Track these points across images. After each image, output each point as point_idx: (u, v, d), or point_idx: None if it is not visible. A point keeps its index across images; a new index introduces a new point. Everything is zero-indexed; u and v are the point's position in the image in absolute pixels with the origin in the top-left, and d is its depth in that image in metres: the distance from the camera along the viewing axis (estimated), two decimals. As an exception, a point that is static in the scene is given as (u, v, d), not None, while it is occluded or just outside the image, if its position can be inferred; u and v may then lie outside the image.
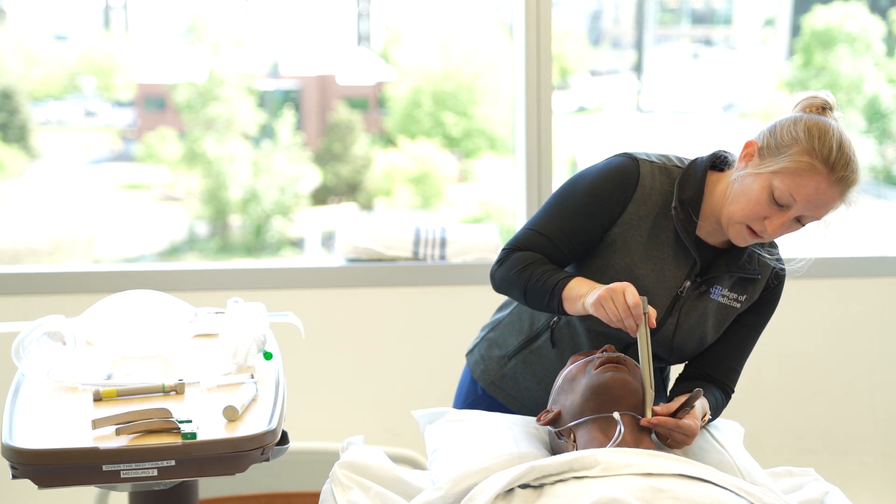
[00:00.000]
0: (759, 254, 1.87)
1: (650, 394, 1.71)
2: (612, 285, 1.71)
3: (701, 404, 1.80)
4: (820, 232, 1.78)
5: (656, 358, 1.89)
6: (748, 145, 1.76)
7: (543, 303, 1.82)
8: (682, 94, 10.18)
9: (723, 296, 1.85)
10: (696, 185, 1.81)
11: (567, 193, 1.87)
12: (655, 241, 1.83)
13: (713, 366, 1.90)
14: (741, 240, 1.77)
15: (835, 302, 3.23)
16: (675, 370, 2.00)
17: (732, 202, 1.75)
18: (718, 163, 1.84)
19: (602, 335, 1.88)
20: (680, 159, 1.87)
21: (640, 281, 1.81)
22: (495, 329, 2.05)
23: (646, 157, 1.85)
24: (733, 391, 1.93)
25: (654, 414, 1.71)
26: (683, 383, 1.91)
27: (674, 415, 1.71)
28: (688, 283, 1.84)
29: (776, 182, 1.69)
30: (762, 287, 1.88)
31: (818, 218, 1.73)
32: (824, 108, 1.75)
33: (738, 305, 1.87)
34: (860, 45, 8.36)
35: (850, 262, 3.22)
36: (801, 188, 1.68)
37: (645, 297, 1.72)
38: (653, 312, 1.72)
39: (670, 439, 1.73)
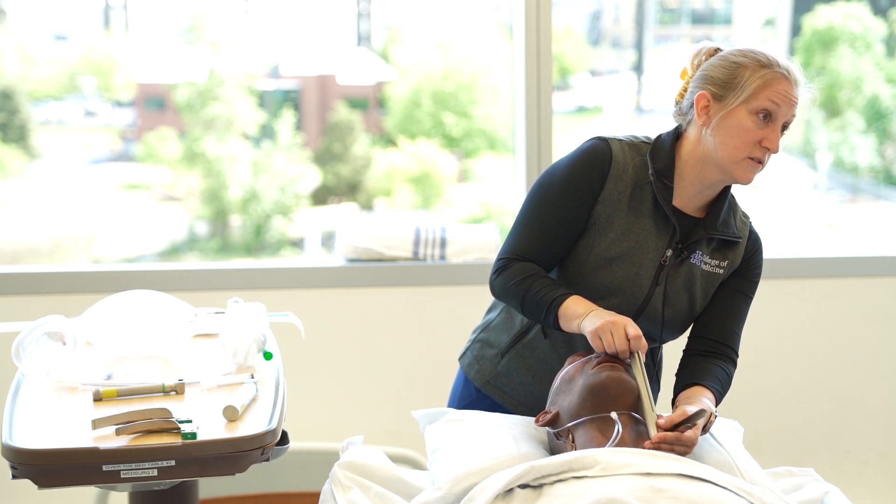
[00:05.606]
0: (734, 219, 1.93)
1: (651, 416, 1.71)
2: (613, 318, 1.75)
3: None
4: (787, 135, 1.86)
5: (648, 338, 1.92)
6: (700, 98, 1.83)
7: (540, 316, 1.86)
8: (682, 94, 10.16)
9: (704, 262, 1.91)
10: (667, 155, 1.88)
11: (547, 185, 1.92)
12: (636, 214, 1.89)
13: (713, 328, 1.95)
14: (748, 172, 1.83)
15: (835, 302, 3.23)
16: (674, 355, 1.99)
17: (724, 147, 1.82)
18: (681, 136, 1.92)
19: None
20: (646, 136, 1.95)
21: (625, 254, 1.87)
22: (486, 330, 2.07)
23: (614, 137, 1.93)
24: (737, 355, 1.96)
25: (657, 427, 1.71)
26: (690, 360, 1.94)
27: (675, 427, 1.72)
28: (669, 252, 1.89)
29: (753, 104, 1.79)
30: (742, 253, 1.94)
31: (795, 116, 1.83)
32: (718, 49, 1.88)
33: (721, 272, 1.93)
34: (860, 44, 8.36)
35: (850, 262, 3.22)
36: (777, 93, 1.79)
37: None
38: (644, 345, 1.77)
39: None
